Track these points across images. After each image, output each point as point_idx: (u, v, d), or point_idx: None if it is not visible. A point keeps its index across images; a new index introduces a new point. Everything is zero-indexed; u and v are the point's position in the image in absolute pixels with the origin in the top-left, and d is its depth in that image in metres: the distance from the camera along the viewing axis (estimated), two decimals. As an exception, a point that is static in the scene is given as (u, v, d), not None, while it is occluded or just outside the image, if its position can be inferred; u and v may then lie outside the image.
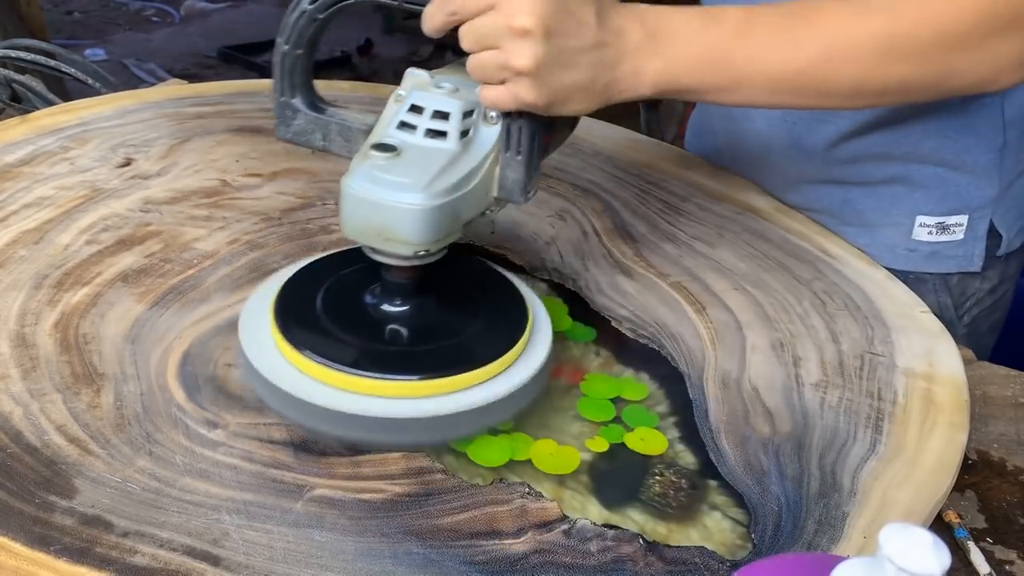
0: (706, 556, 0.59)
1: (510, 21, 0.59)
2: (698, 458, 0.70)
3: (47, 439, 0.62)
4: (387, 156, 0.62)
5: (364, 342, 0.66)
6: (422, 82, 0.66)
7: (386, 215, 0.61)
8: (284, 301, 0.68)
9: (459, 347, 0.67)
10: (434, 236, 0.62)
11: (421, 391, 0.63)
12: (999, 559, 0.65)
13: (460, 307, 0.71)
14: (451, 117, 0.64)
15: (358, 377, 0.63)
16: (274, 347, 0.65)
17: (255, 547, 0.56)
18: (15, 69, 1.27)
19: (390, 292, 0.68)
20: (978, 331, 0.98)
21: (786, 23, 0.66)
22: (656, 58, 0.63)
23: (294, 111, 0.71)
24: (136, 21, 4.67)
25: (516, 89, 0.62)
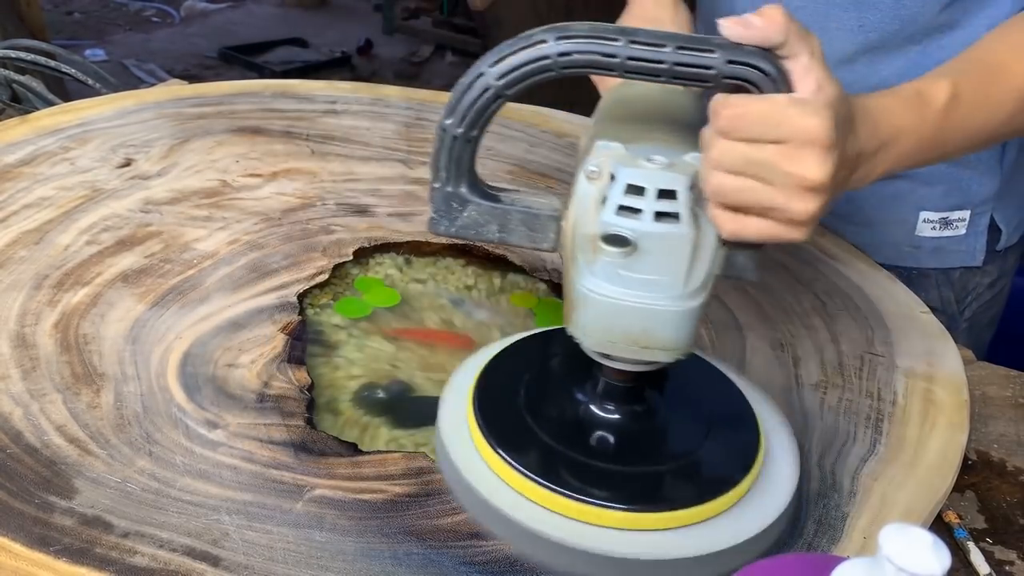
0: None
1: (802, 171, 0.54)
2: (698, 458, 0.69)
3: (47, 439, 0.62)
4: (624, 250, 0.54)
5: (594, 459, 0.59)
6: (623, 156, 0.57)
7: (645, 320, 0.54)
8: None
9: (690, 470, 0.59)
10: (694, 338, 0.56)
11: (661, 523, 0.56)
12: (999, 559, 0.65)
13: (685, 416, 0.63)
14: (679, 195, 0.55)
15: (601, 509, 0.56)
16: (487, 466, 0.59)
17: (255, 547, 0.56)
18: (15, 69, 1.27)
19: (607, 395, 0.61)
20: (978, 325, 0.98)
21: (984, 89, 0.66)
22: (885, 162, 0.62)
23: (463, 202, 0.61)
24: (136, 21, 4.67)
25: (781, 232, 0.57)
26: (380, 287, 0.85)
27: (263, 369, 0.70)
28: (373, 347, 0.78)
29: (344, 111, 1.14)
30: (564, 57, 0.54)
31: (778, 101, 0.54)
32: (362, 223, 0.91)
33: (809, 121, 0.53)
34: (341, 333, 0.80)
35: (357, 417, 0.71)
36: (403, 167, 1.02)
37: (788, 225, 0.56)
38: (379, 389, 0.74)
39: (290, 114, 1.11)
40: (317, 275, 0.82)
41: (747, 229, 0.56)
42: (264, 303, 0.78)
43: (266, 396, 0.68)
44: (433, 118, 1.13)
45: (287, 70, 4.00)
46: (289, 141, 1.05)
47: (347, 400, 0.73)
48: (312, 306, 0.82)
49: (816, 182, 0.54)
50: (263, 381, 0.69)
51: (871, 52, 0.88)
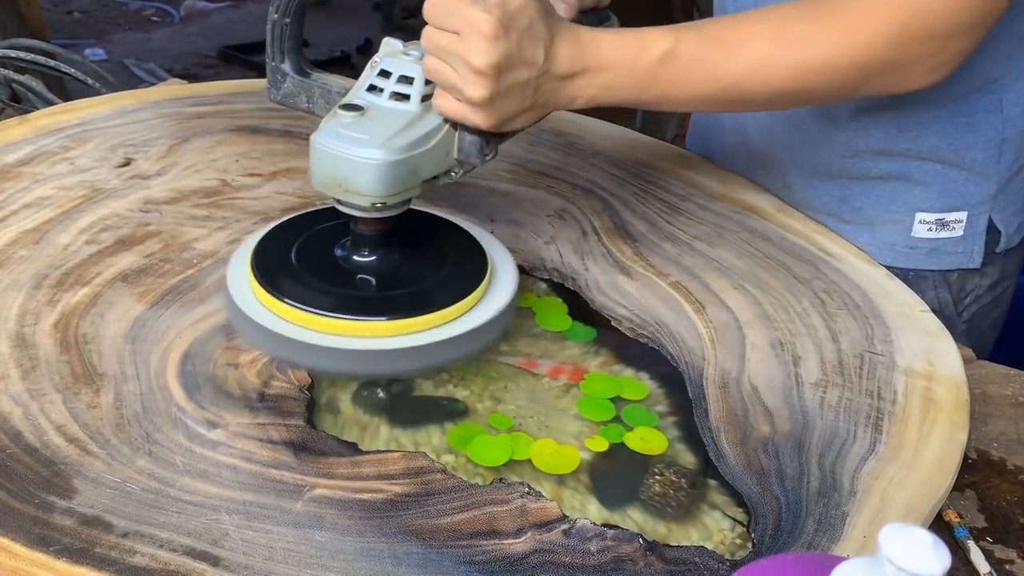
0: (706, 556, 0.59)
1: (468, 56, 0.65)
2: (698, 458, 0.70)
3: (47, 439, 0.62)
4: (353, 115, 0.67)
5: (337, 289, 0.71)
6: (394, 50, 0.71)
7: (347, 168, 0.66)
8: (263, 253, 0.73)
9: (421, 293, 0.72)
10: (390, 189, 0.67)
11: (384, 331, 0.68)
12: (999, 558, 0.65)
13: (424, 257, 0.76)
14: (415, 82, 0.69)
15: (333, 319, 0.68)
16: (253, 294, 0.70)
17: (255, 547, 0.56)
18: (15, 69, 1.27)
19: (358, 243, 0.73)
20: (978, 328, 0.98)
21: (707, 52, 0.72)
22: (590, 87, 0.71)
23: (283, 75, 0.76)
24: (136, 21, 4.67)
25: (468, 113, 0.68)
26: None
27: (263, 368, 0.70)
28: (373, 346, 0.78)
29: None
30: None
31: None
32: (362, 222, 0.91)
33: (475, 13, 0.65)
34: (341, 332, 0.79)
35: (357, 416, 0.71)
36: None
37: (469, 106, 0.67)
38: (379, 388, 0.74)
39: (290, 113, 1.11)
40: (317, 274, 0.82)
41: (445, 106, 0.68)
42: (264, 303, 0.77)
43: (266, 396, 0.68)
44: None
45: (287, 69, 3.99)
46: (289, 140, 1.05)
47: (347, 399, 0.73)
48: (312, 305, 0.81)
49: (480, 67, 0.65)
50: (263, 381, 0.69)
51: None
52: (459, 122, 0.69)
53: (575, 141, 1.13)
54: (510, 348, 0.80)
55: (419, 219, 0.78)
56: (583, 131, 1.15)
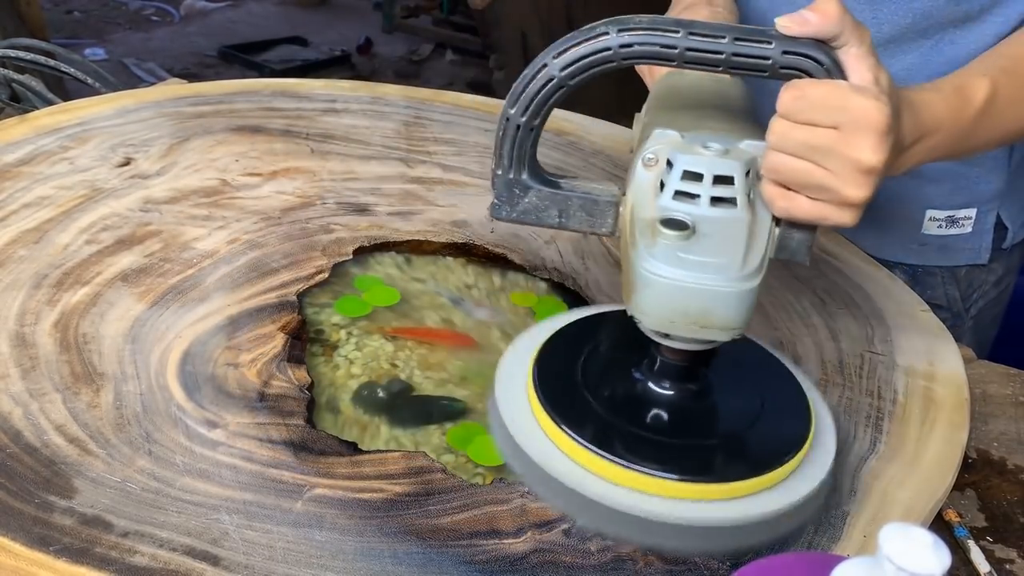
0: (706, 556, 0.59)
1: (858, 155, 0.56)
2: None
3: (47, 439, 0.62)
4: (683, 234, 0.56)
5: (649, 433, 0.61)
6: (679, 143, 0.60)
7: (704, 301, 0.56)
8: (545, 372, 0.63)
9: (738, 446, 0.62)
10: (750, 318, 0.58)
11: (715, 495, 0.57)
12: (999, 558, 0.65)
13: (735, 395, 0.65)
14: (736, 181, 0.58)
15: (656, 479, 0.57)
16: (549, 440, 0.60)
17: (255, 547, 0.56)
18: (15, 68, 1.27)
19: (665, 374, 0.62)
20: (983, 323, 0.99)
21: (1021, 91, 0.69)
22: (920, 153, 0.65)
23: (524, 188, 0.63)
24: (136, 20, 4.67)
25: (832, 214, 0.59)
26: (380, 286, 0.85)
27: (263, 368, 0.70)
28: (373, 346, 0.78)
29: (344, 110, 1.14)
30: (625, 48, 0.56)
31: (840, 86, 0.56)
32: (362, 222, 0.91)
33: (869, 106, 0.56)
34: (341, 332, 0.80)
35: (357, 416, 0.71)
36: (403, 166, 1.02)
37: (839, 207, 0.58)
38: (379, 388, 0.74)
39: (290, 113, 1.11)
40: (317, 274, 0.82)
41: (798, 208, 0.58)
42: (264, 302, 0.78)
43: (266, 395, 0.68)
44: (433, 117, 1.13)
45: (287, 69, 4.00)
46: (289, 140, 1.05)
47: (347, 399, 0.73)
48: (312, 305, 0.82)
49: (871, 166, 0.56)
50: (263, 380, 0.69)
51: (883, 47, 0.88)
52: (819, 224, 0.60)
53: (575, 141, 1.13)
54: (510, 348, 0.80)
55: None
56: (583, 131, 1.15)
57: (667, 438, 0.60)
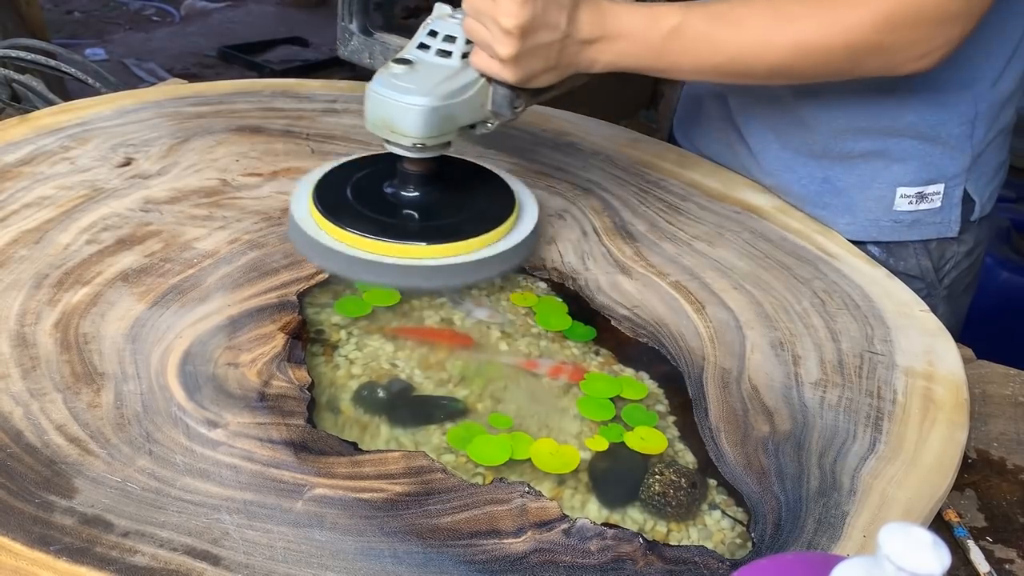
0: (706, 555, 0.59)
1: (498, 17, 0.73)
2: (698, 457, 0.70)
3: (47, 439, 0.62)
4: (403, 68, 0.77)
5: (386, 218, 0.80)
6: (443, 13, 0.80)
7: (394, 112, 0.76)
8: (323, 187, 0.83)
9: (456, 224, 0.81)
10: (430, 132, 0.76)
11: (424, 253, 0.78)
12: (999, 558, 0.66)
13: (460, 195, 0.85)
14: (457, 40, 0.78)
15: (381, 242, 0.77)
16: (314, 219, 0.80)
17: (255, 547, 0.56)
18: (15, 69, 1.27)
19: (404, 180, 0.82)
20: (956, 292, 1.02)
21: (711, 27, 0.79)
22: (607, 52, 0.79)
23: (350, 34, 0.87)
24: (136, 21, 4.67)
25: (496, 69, 0.76)
26: (380, 286, 0.85)
27: (263, 368, 0.70)
28: (373, 346, 0.78)
29: (344, 110, 1.14)
30: None
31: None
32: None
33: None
34: (341, 332, 0.80)
35: (357, 416, 0.71)
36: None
37: (499, 63, 0.76)
38: (379, 388, 0.74)
39: (290, 113, 1.11)
40: (317, 274, 0.82)
41: (478, 61, 0.77)
42: (264, 302, 0.78)
43: (266, 395, 0.68)
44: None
45: (287, 69, 3.99)
46: (289, 140, 1.05)
47: (347, 399, 0.73)
48: (312, 305, 0.82)
49: (507, 27, 0.73)
50: (263, 380, 0.69)
51: None
52: (491, 77, 0.77)
53: (575, 141, 1.13)
54: (510, 348, 0.80)
55: (457, 164, 0.89)
56: (583, 131, 1.15)
57: (410, 222, 0.81)
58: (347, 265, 0.78)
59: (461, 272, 0.79)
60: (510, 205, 0.84)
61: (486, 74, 0.78)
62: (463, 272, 0.80)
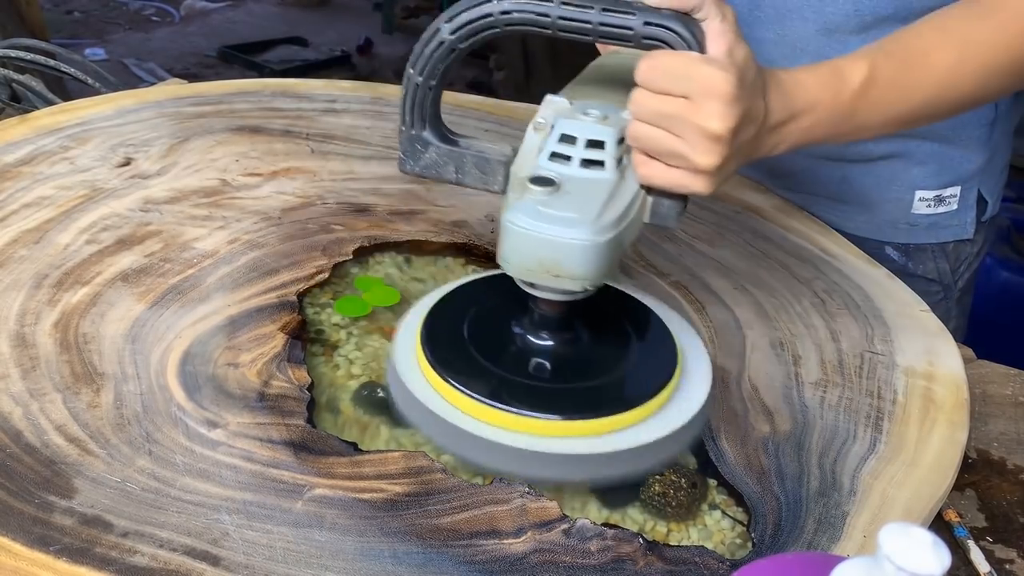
0: (706, 555, 0.59)
1: (704, 123, 0.59)
2: (698, 457, 0.70)
3: (47, 439, 0.62)
4: (547, 190, 0.61)
5: (517, 377, 0.66)
6: (565, 109, 0.65)
7: (555, 251, 0.60)
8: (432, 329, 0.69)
9: (607, 387, 0.66)
10: (603, 271, 0.62)
11: (565, 431, 0.63)
12: (999, 558, 0.66)
13: (609, 343, 0.70)
14: (606, 145, 0.63)
15: (512, 415, 0.63)
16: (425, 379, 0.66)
17: (255, 547, 0.56)
18: (15, 69, 1.27)
19: (541, 325, 0.68)
20: (964, 293, 1.03)
21: (902, 74, 0.70)
22: (795, 132, 0.67)
23: (425, 144, 0.68)
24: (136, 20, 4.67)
25: (688, 181, 0.62)
26: (380, 286, 0.85)
27: (263, 368, 0.70)
28: (373, 346, 0.78)
29: (344, 110, 1.14)
30: (505, 15, 0.62)
31: (690, 56, 0.60)
32: (362, 222, 0.91)
33: (714, 75, 0.59)
34: (341, 332, 0.80)
35: (357, 416, 0.71)
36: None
37: (693, 174, 0.61)
38: (379, 388, 0.74)
39: (290, 113, 1.11)
40: (317, 274, 0.82)
41: (656, 174, 0.63)
42: (264, 302, 0.78)
43: (266, 395, 0.68)
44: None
45: (287, 69, 4.00)
46: (289, 140, 1.05)
47: (347, 399, 0.73)
48: (312, 305, 0.82)
49: (717, 133, 0.59)
50: (263, 380, 0.69)
51: (863, 32, 0.89)
52: (675, 192, 0.64)
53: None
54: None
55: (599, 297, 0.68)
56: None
57: (546, 383, 0.66)
58: (472, 448, 0.63)
59: (612, 463, 0.63)
60: (670, 355, 0.68)
61: (668, 189, 0.63)
62: (615, 462, 0.63)
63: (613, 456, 0.63)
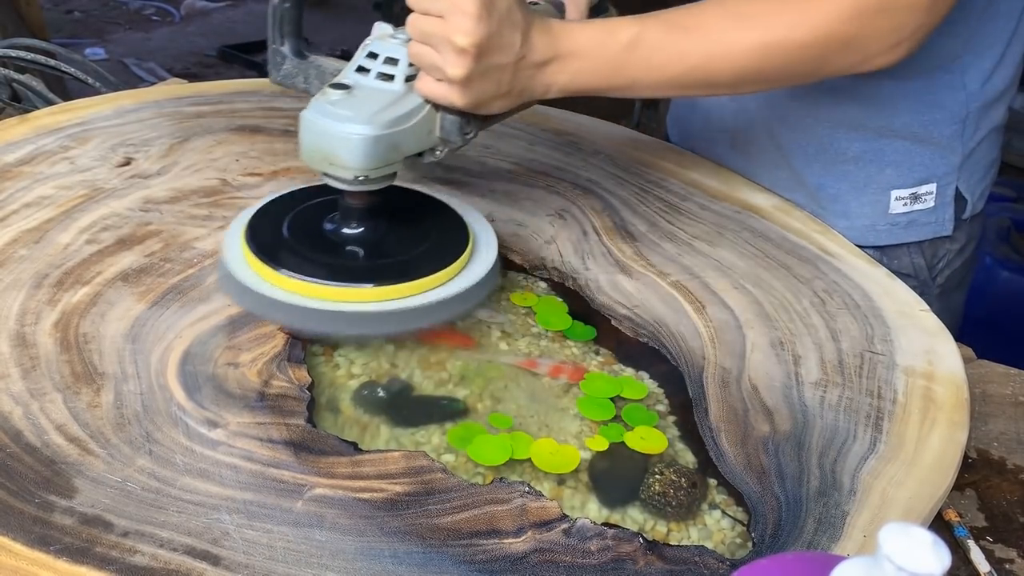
0: (706, 555, 0.59)
1: (451, 36, 0.69)
2: (698, 457, 0.70)
3: (47, 439, 0.62)
4: (340, 93, 0.71)
5: (328, 258, 0.75)
6: (383, 34, 0.76)
7: (332, 142, 0.70)
8: (258, 225, 0.77)
9: (405, 262, 0.76)
10: (373, 163, 0.71)
11: (371, 296, 0.72)
12: (999, 558, 0.66)
13: (409, 230, 0.80)
14: (399, 63, 0.73)
15: (324, 286, 0.71)
16: (248, 264, 0.74)
17: (255, 547, 0.56)
18: (15, 68, 1.27)
19: (346, 216, 0.77)
20: (948, 289, 1.02)
21: (671, 36, 0.76)
22: (562, 73, 0.75)
23: (282, 57, 0.81)
24: (136, 20, 4.67)
25: (445, 92, 0.72)
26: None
27: (263, 368, 0.70)
28: (373, 346, 0.78)
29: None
30: None
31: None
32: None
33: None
34: (341, 332, 0.79)
35: (357, 416, 0.71)
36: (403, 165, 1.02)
37: (449, 86, 0.71)
38: (379, 388, 0.74)
39: (290, 113, 1.11)
40: (317, 274, 0.82)
41: (424, 87, 0.73)
42: (264, 302, 0.77)
43: (266, 395, 0.68)
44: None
45: (287, 69, 3.98)
46: (289, 140, 1.05)
47: (347, 399, 0.73)
48: (312, 305, 0.81)
49: (462, 46, 0.69)
50: (263, 380, 0.69)
51: None
52: (439, 103, 0.73)
53: (575, 141, 1.13)
54: (510, 348, 0.80)
55: (405, 195, 0.82)
56: (583, 131, 1.15)
57: (346, 261, 0.76)
58: (286, 314, 0.72)
59: (415, 316, 0.73)
60: (463, 238, 0.79)
61: (434, 100, 0.73)
62: (417, 316, 0.73)
63: (415, 310, 0.72)
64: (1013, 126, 1.01)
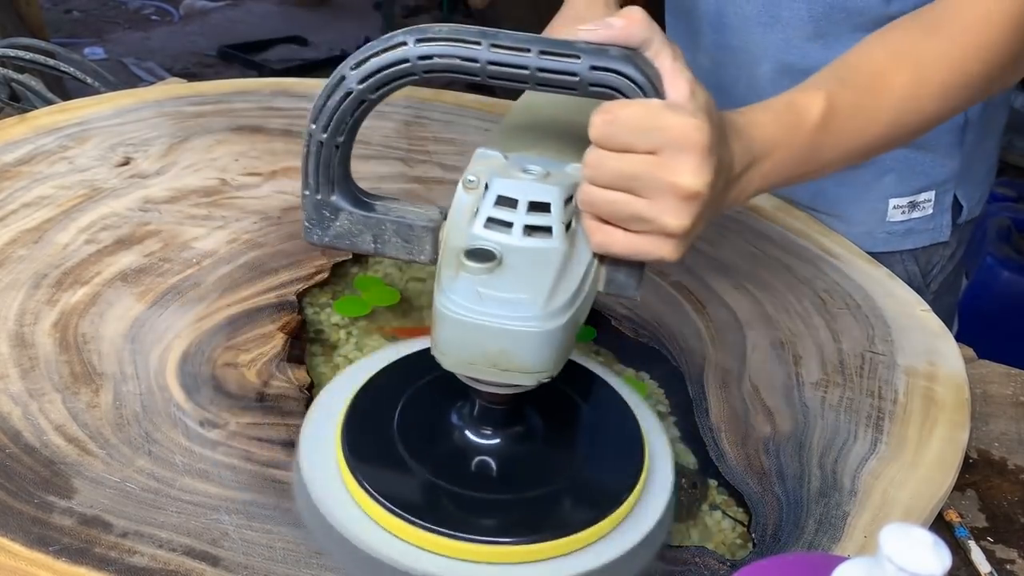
0: (706, 555, 0.59)
1: (676, 179, 0.51)
2: (698, 457, 0.70)
3: (46, 439, 0.62)
4: (487, 266, 0.51)
5: (453, 488, 0.56)
6: (500, 165, 0.55)
7: (502, 342, 0.50)
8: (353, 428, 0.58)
9: (558, 500, 0.56)
10: (560, 360, 0.52)
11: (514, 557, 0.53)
12: (1000, 558, 0.65)
13: (562, 438, 0.60)
14: (552, 208, 0.53)
15: (444, 538, 0.52)
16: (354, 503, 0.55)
17: (254, 547, 0.56)
18: (14, 68, 1.27)
19: (482, 419, 0.57)
20: (942, 293, 1.02)
21: (860, 103, 0.65)
22: (755, 180, 0.60)
23: (334, 210, 0.58)
24: (135, 20, 4.67)
25: (653, 248, 0.54)
26: (380, 286, 0.85)
27: (262, 368, 0.70)
28: (373, 346, 0.78)
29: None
30: (424, 61, 0.52)
31: (653, 105, 0.51)
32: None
33: (687, 124, 0.51)
34: (340, 332, 0.79)
35: (357, 416, 0.71)
36: (403, 165, 1.02)
37: (659, 239, 0.53)
38: (379, 388, 0.74)
39: (290, 112, 1.11)
40: (316, 274, 0.82)
41: (615, 243, 0.54)
42: (264, 302, 0.77)
43: (265, 395, 0.68)
44: (433, 116, 1.13)
45: (286, 68, 3.99)
46: (289, 140, 1.05)
47: (347, 399, 0.72)
48: (311, 305, 0.81)
49: (692, 190, 0.51)
50: (262, 380, 0.69)
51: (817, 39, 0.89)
52: (640, 260, 0.55)
53: (575, 140, 1.12)
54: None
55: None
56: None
57: (492, 494, 0.56)
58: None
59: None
60: (635, 454, 0.58)
61: (632, 258, 0.54)
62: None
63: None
64: (1013, 126, 1.01)
